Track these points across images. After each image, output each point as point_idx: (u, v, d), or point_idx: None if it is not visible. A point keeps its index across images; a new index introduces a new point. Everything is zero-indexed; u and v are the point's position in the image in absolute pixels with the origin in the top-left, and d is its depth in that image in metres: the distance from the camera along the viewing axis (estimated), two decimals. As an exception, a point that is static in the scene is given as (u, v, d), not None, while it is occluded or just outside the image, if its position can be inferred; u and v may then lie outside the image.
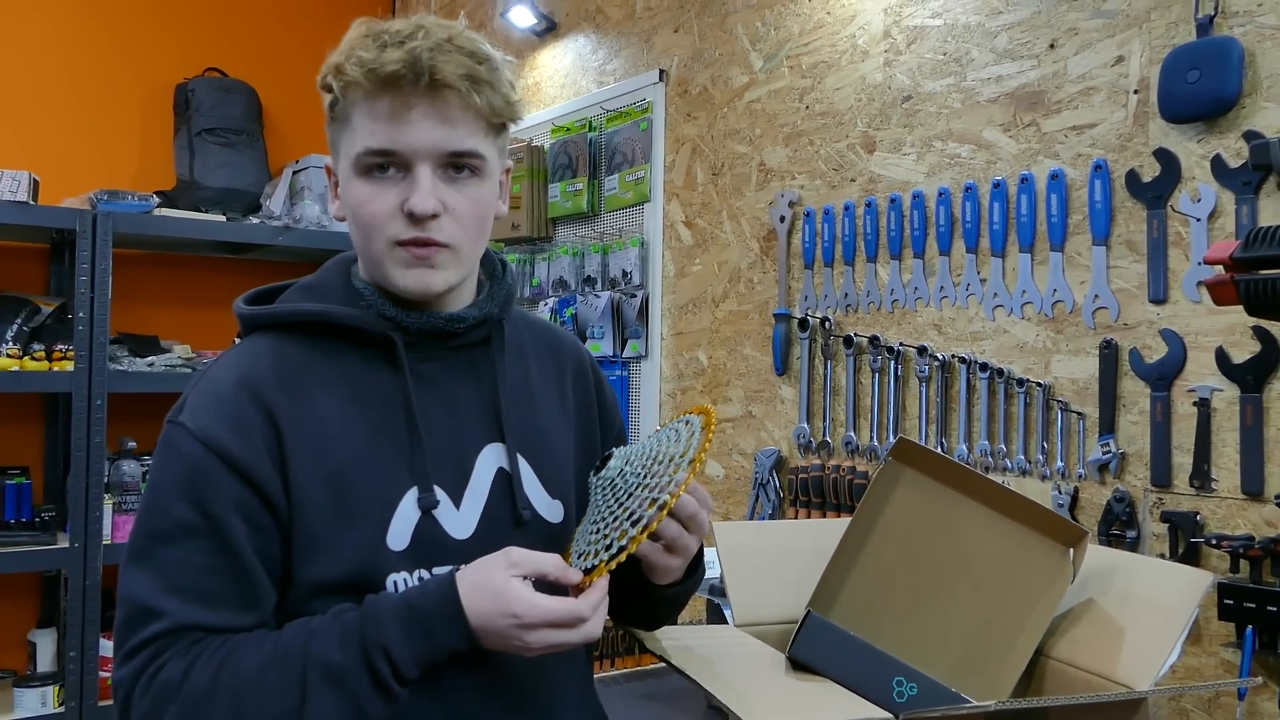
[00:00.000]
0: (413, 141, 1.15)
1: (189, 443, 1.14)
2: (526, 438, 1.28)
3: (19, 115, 3.68)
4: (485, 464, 1.24)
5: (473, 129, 1.17)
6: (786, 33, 2.70)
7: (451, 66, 1.13)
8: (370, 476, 1.17)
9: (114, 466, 3.27)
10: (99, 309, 3.19)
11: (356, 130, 1.16)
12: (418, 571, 1.17)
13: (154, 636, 1.09)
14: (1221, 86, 1.80)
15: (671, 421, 1.27)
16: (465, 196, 1.18)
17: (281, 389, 1.17)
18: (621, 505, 1.14)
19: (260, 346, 1.23)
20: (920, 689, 1.33)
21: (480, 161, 1.19)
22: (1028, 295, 2.13)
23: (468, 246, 1.20)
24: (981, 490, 1.42)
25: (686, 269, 3.01)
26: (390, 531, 1.16)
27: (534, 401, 1.32)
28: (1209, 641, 1.81)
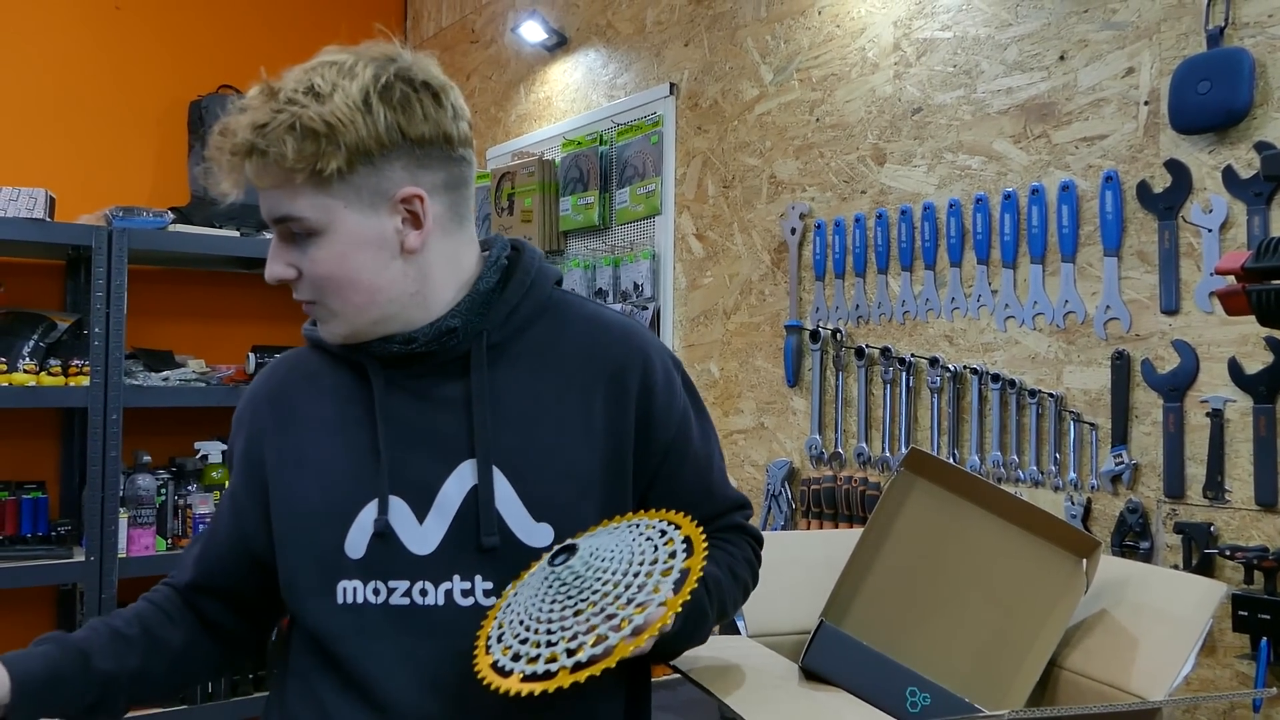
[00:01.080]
0: (264, 212, 1.21)
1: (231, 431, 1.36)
2: (515, 455, 1.21)
3: (36, 133, 3.72)
4: (457, 481, 1.21)
5: (286, 193, 1.16)
6: (796, 46, 2.71)
7: (238, 137, 1.16)
8: (334, 485, 1.23)
9: (129, 481, 3.28)
10: (114, 324, 3.21)
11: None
12: (372, 582, 1.20)
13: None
14: (1232, 97, 1.80)
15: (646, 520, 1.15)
16: (308, 258, 1.18)
17: (276, 401, 1.31)
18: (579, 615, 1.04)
19: (291, 356, 1.36)
20: (933, 699, 1.33)
21: (301, 223, 1.16)
22: (1039, 306, 2.13)
23: (336, 301, 1.19)
24: (994, 501, 1.42)
25: (698, 281, 3.01)
26: (348, 540, 1.21)
27: (540, 414, 1.24)
28: (1223, 653, 1.81)
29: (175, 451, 3.62)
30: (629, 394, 1.25)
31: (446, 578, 1.19)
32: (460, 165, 1.22)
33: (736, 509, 1.37)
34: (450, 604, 1.18)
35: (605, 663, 0.99)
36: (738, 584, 1.31)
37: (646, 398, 1.26)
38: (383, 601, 1.19)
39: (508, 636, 1.06)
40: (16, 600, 3.52)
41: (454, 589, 1.19)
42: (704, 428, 1.35)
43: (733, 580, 1.30)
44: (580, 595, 1.05)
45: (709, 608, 1.23)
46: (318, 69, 1.16)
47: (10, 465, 3.53)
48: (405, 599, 1.19)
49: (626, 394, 1.25)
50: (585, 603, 1.04)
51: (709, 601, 1.23)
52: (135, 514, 3.27)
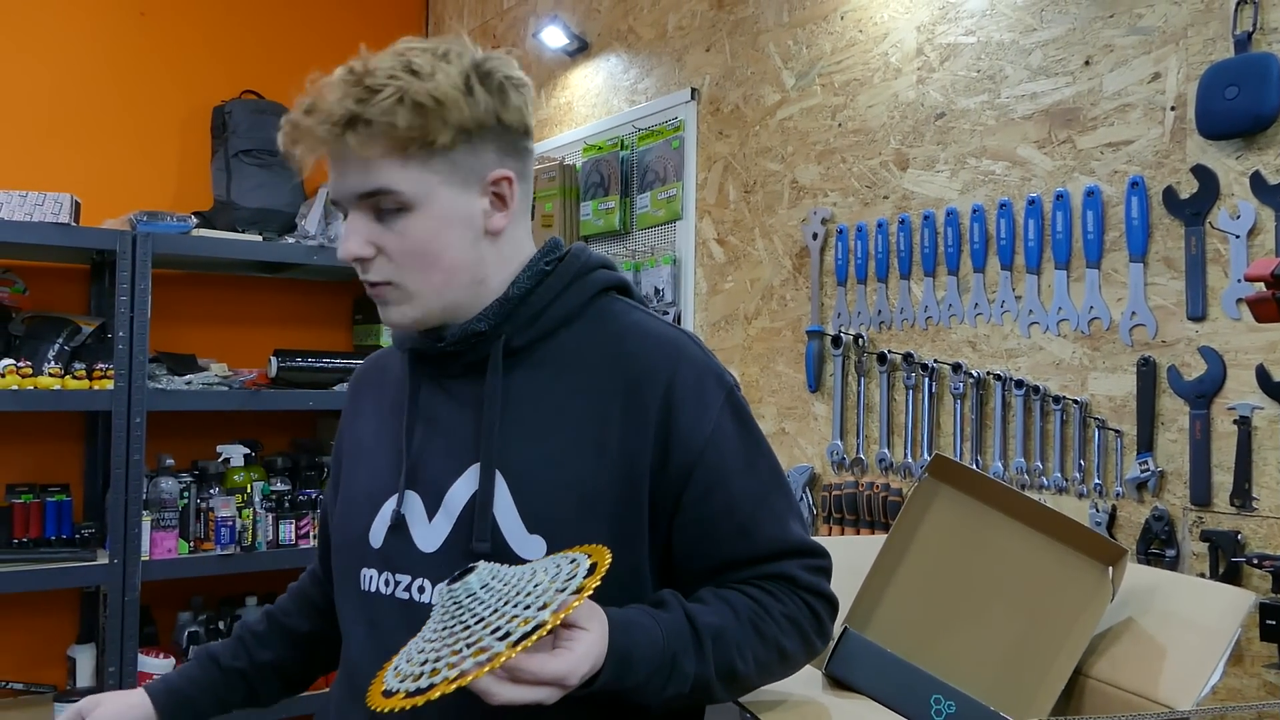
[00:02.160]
0: (339, 191, 1.19)
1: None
2: (519, 463, 1.18)
3: (61, 139, 3.75)
4: (466, 484, 1.21)
5: (375, 168, 1.15)
6: (819, 51, 2.70)
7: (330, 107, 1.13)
8: (369, 474, 1.31)
9: (153, 484, 3.30)
10: (138, 328, 3.22)
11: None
12: (385, 573, 1.25)
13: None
14: (1260, 103, 1.78)
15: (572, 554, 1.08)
16: (394, 232, 1.17)
17: (360, 385, 1.43)
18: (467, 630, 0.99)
19: (384, 349, 1.45)
20: (958, 707, 1.32)
21: (398, 195, 1.15)
22: (1064, 312, 2.12)
23: (413, 282, 1.18)
24: (1019, 508, 1.41)
25: (719, 286, 3.01)
26: (372, 529, 1.27)
27: (552, 425, 1.19)
28: (1251, 662, 1.79)
29: (198, 455, 3.64)
30: (647, 409, 1.18)
31: (443, 578, 1.13)
32: (531, 158, 1.26)
33: (791, 555, 1.22)
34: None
35: (478, 673, 0.94)
36: (765, 643, 1.17)
37: (667, 414, 1.18)
38: (391, 593, 1.23)
39: (401, 660, 1.04)
40: (40, 602, 3.55)
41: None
42: (752, 458, 1.23)
43: (755, 637, 1.16)
44: (471, 611, 1.00)
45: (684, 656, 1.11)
46: (410, 53, 1.17)
47: (35, 468, 3.55)
48: (406, 594, 1.22)
49: (645, 409, 1.18)
50: (474, 618, 0.99)
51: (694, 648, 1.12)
52: (158, 517, 3.29)
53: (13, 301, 3.47)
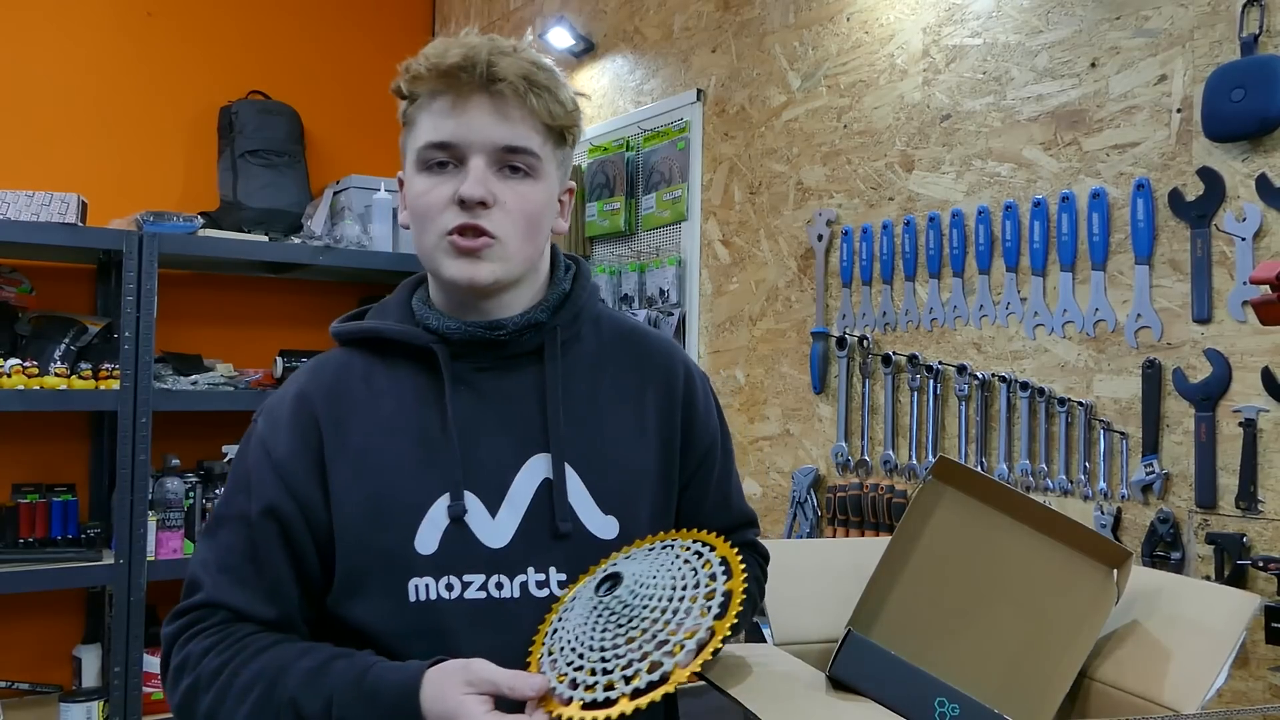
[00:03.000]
0: (467, 134, 1.21)
1: (255, 438, 1.26)
2: (582, 450, 1.26)
3: (69, 138, 3.76)
4: (529, 474, 1.24)
5: (528, 129, 1.22)
6: (824, 52, 2.70)
7: (510, 66, 1.20)
8: (403, 482, 1.22)
9: (158, 484, 3.31)
10: (144, 328, 3.23)
11: (420, 126, 1.24)
12: (445, 578, 1.20)
13: (194, 606, 1.22)
14: (1266, 105, 1.78)
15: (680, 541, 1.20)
16: (515, 192, 1.22)
17: (332, 400, 1.26)
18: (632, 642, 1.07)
19: (331, 359, 1.32)
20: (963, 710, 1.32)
21: (534, 160, 1.23)
22: (1069, 314, 2.11)
23: (515, 242, 1.23)
24: (1024, 510, 1.41)
25: (724, 287, 3.01)
26: (418, 536, 1.20)
27: (599, 413, 1.30)
28: (1256, 665, 1.79)
29: (203, 455, 3.65)
30: (676, 401, 1.34)
31: (521, 570, 1.21)
32: None
33: (749, 525, 1.47)
34: (526, 596, 1.21)
35: (664, 688, 1.02)
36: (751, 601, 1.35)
37: (689, 407, 1.35)
38: (457, 597, 1.20)
39: (561, 663, 1.09)
40: (46, 603, 3.56)
41: (529, 581, 1.21)
42: (726, 443, 1.43)
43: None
44: (630, 623, 1.08)
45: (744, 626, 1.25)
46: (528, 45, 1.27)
47: (41, 468, 3.57)
48: (481, 593, 1.20)
49: (674, 401, 1.34)
50: (636, 630, 1.07)
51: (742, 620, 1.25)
52: (164, 517, 3.30)
53: (19, 301, 3.48)
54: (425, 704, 1.08)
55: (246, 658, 1.16)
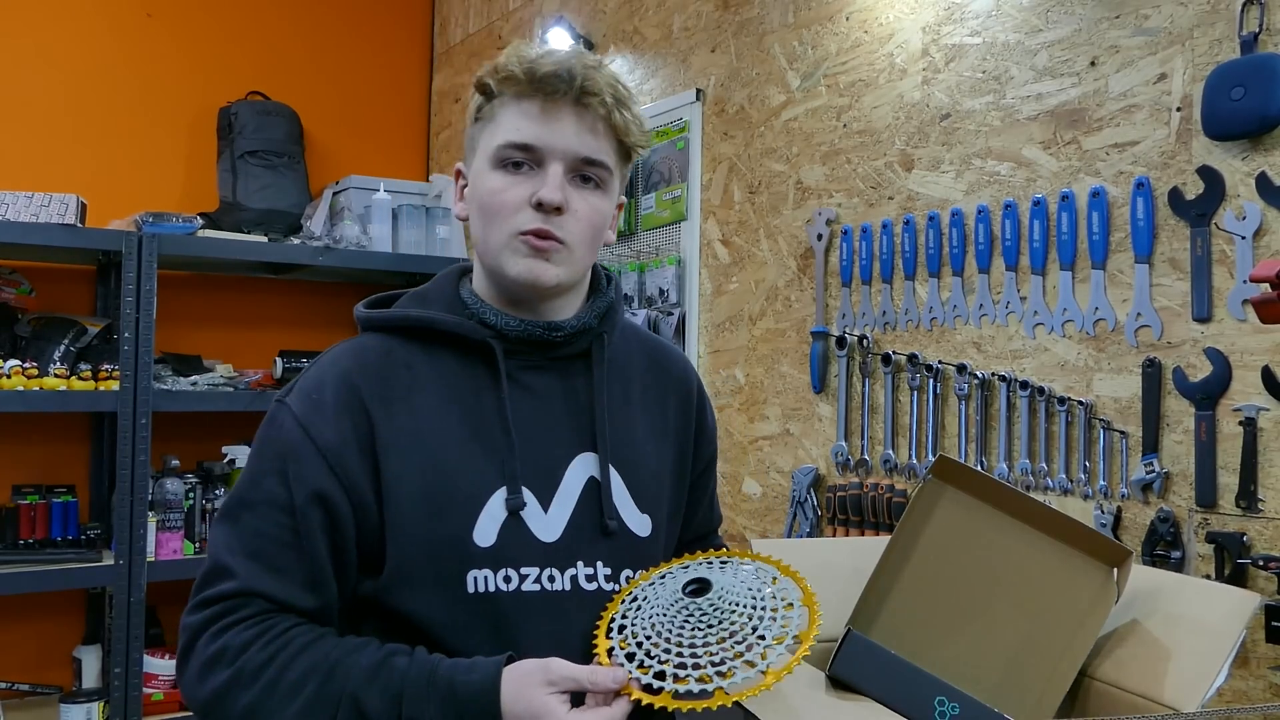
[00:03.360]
0: (554, 141, 1.24)
1: (290, 422, 1.23)
2: (620, 450, 1.32)
3: (68, 139, 3.76)
4: (576, 472, 1.29)
5: (607, 144, 1.28)
6: (824, 52, 2.70)
7: (601, 82, 1.25)
8: (460, 473, 1.23)
9: (158, 485, 3.31)
10: (144, 329, 3.23)
11: (501, 125, 1.26)
12: (502, 570, 1.22)
13: (225, 594, 1.18)
14: (1266, 104, 1.78)
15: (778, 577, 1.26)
16: (587, 202, 1.27)
17: (380, 384, 1.25)
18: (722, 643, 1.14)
19: (370, 343, 1.30)
20: (962, 709, 1.32)
21: (606, 174, 1.28)
22: (1069, 313, 2.11)
23: (580, 249, 1.28)
24: (1024, 509, 1.41)
25: (723, 287, 3.01)
26: (476, 528, 1.22)
27: (632, 416, 1.36)
28: (1256, 664, 1.79)
29: (203, 456, 3.65)
30: (690, 413, 1.44)
31: (571, 564, 1.26)
32: None
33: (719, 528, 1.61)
34: (576, 589, 1.26)
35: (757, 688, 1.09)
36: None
37: (700, 415, 1.46)
38: (514, 589, 1.22)
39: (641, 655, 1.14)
40: (46, 604, 3.56)
41: (578, 574, 1.26)
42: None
43: None
44: (720, 625, 1.15)
45: None
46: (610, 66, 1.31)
47: (41, 469, 3.57)
48: (536, 585, 1.24)
49: (689, 408, 1.44)
50: (725, 631, 1.14)
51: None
52: (164, 518, 3.30)
53: (19, 302, 3.48)
54: (505, 703, 1.11)
55: (294, 652, 1.15)
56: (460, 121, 4.36)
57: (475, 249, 1.31)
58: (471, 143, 1.32)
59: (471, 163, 1.32)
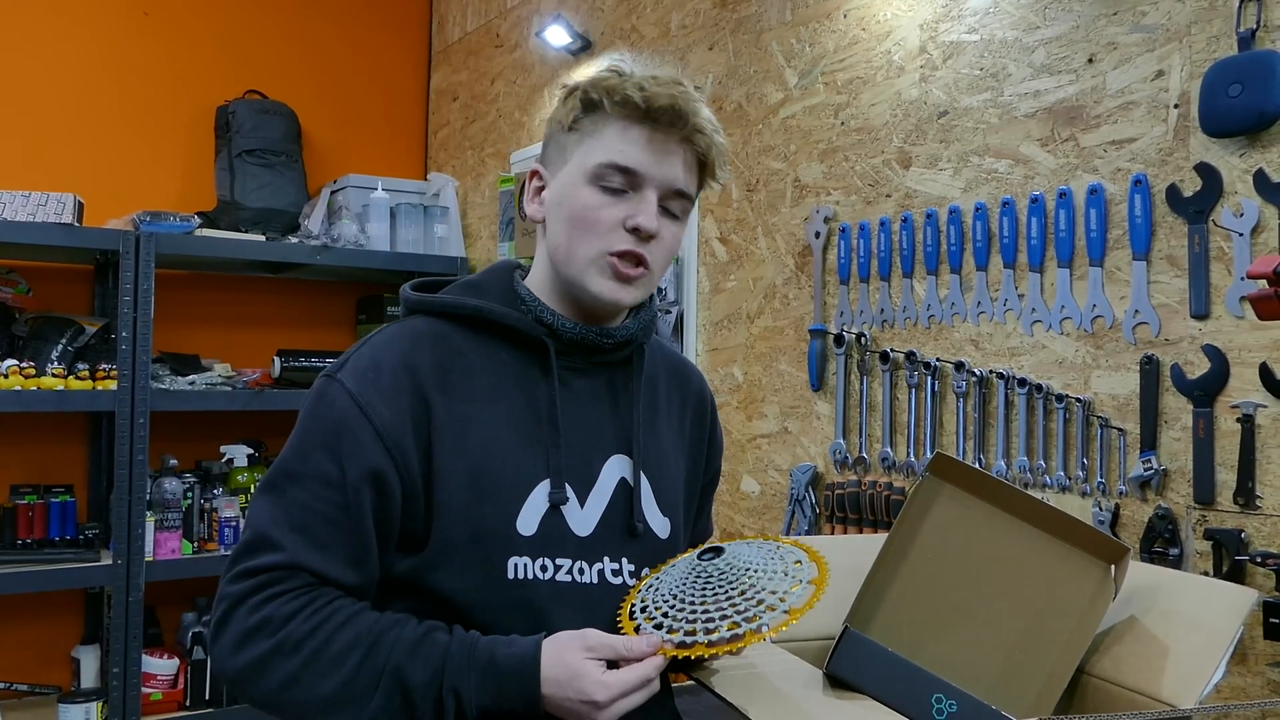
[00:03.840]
0: (653, 170, 1.28)
1: (344, 399, 1.24)
2: (648, 456, 1.38)
3: (65, 138, 3.75)
4: (610, 472, 1.35)
5: (695, 177, 1.34)
6: (822, 49, 2.70)
7: (706, 123, 1.30)
8: (507, 462, 1.27)
9: (156, 484, 3.31)
10: (142, 328, 3.23)
11: (605, 144, 1.29)
12: (540, 559, 1.26)
13: (269, 566, 1.19)
14: (1264, 100, 1.78)
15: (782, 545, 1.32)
16: (669, 230, 1.33)
17: (436, 368, 1.28)
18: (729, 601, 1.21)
19: (422, 327, 1.32)
20: (960, 707, 1.32)
21: (688, 205, 1.34)
22: (1066, 310, 2.11)
23: (657, 273, 1.34)
24: (1021, 506, 1.41)
25: (721, 285, 3.01)
26: (520, 517, 1.26)
27: (657, 424, 1.42)
28: (1255, 661, 1.79)
29: (201, 455, 3.65)
30: (705, 421, 1.51)
31: (599, 558, 1.31)
32: None
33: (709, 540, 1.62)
34: (603, 582, 1.31)
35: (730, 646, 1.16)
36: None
37: (713, 430, 1.53)
38: (549, 578, 1.27)
39: (651, 608, 1.23)
40: (45, 603, 3.56)
41: (605, 569, 1.31)
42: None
43: None
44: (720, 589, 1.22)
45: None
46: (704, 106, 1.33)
47: (39, 469, 3.57)
48: (568, 576, 1.28)
49: (704, 421, 1.51)
50: (724, 595, 1.21)
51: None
52: (162, 517, 3.30)
53: (16, 302, 3.48)
54: (545, 671, 1.16)
55: (338, 624, 1.18)
56: (458, 120, 4.36)
57: (551, 253, 1.35)
58: (561, 150, 1.33)
59: (558, 170, 1.34)
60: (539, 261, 1.39)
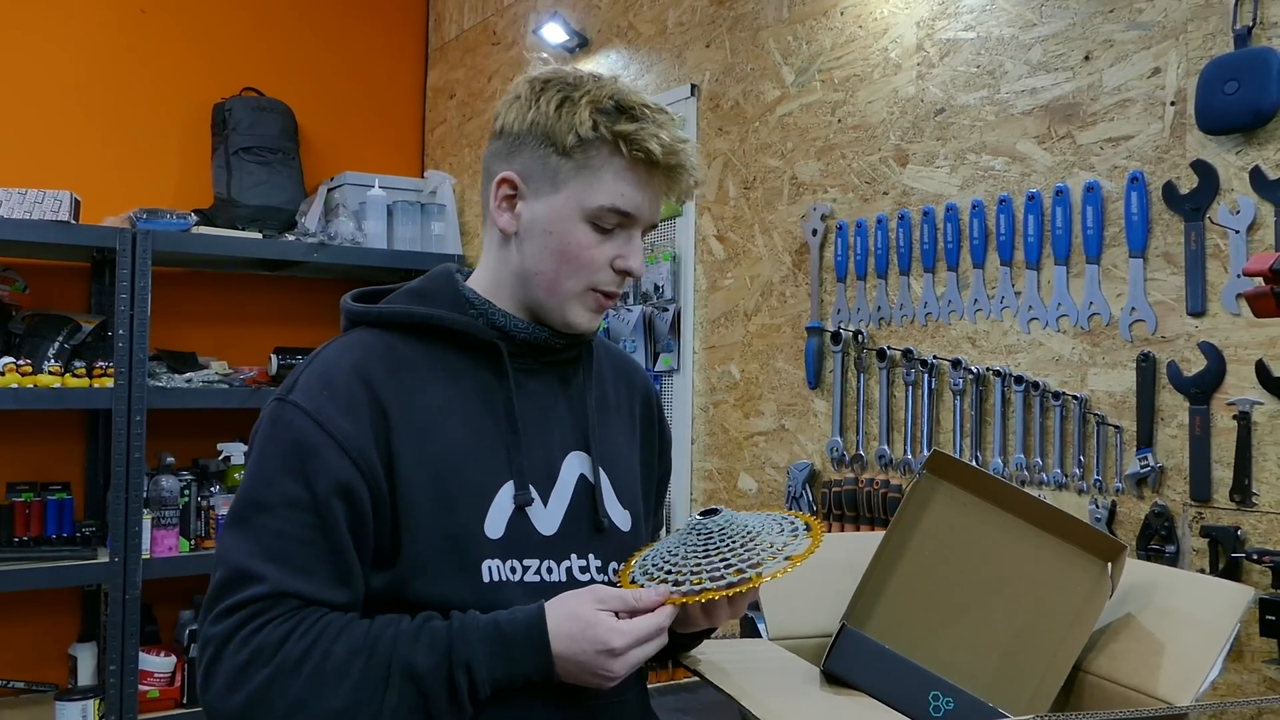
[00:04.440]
0: (647, 214, 1.30)
1: (300, 419, 1.21)
2: (605, 450, 1.38)
3: (61, 136, 3.75)
4: (570, 469, 1.34)
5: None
6: (818, 47, 2.70)
7: (696, 166, 1.31)
8: (470, 466, 1.26)
9: (153, 482, 3.30)
10: (138, 326, 3.23)
11: (604, 185, 1.27)
12: (510, 561, 1.26)
13: (253, 599, 1.15)
14: (1260, 97, 1.78)
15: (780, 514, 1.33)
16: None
17: (390, 378, 1.25)
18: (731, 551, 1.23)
19: (369, 339, 1.30)
20: (957, 704, 1.32)
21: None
22: (1063, 308, 2.11)
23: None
24: (1018, 504, 1.41)
25: (718, 283, 3.01)
26: (488, 520, 1.26)
27: (610, 419, 1.42)
28: (1251, 658, 1.79)
29: (198, 453, 3.65)
30: (653, 417, 1.51)
31: (565, 556, 1.31)
32: None
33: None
34: (571, 579, 1.30)
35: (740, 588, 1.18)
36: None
37: (661, 424, 1.53)
38: (519, 579, 1.27)
39: (652, 568, 1.25)
40: (42, 601, 3.55)
41: (572, 566, 1.31)
42: None
43: None
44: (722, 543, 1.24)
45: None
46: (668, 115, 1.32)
47: (36, 466, 3.56)
48: (536, 576, 1.28)
49: (652, 415, 1.51)
50: (726, 548, 1.23)
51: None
52: (159, 515, 3.29)
53: (13, 299, 3.47)
54: (554, 627, 1.17)
55: (333, 636, 1.15)
56: (454, 118, 4.35)
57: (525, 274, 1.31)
58: (552, 173, 1.28)
59: (546, 193, 1.29)
60: (492, 266, 1.35)
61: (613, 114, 1.27)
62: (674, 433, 3.11)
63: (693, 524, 1.28)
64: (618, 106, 1.27)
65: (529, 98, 1.31)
